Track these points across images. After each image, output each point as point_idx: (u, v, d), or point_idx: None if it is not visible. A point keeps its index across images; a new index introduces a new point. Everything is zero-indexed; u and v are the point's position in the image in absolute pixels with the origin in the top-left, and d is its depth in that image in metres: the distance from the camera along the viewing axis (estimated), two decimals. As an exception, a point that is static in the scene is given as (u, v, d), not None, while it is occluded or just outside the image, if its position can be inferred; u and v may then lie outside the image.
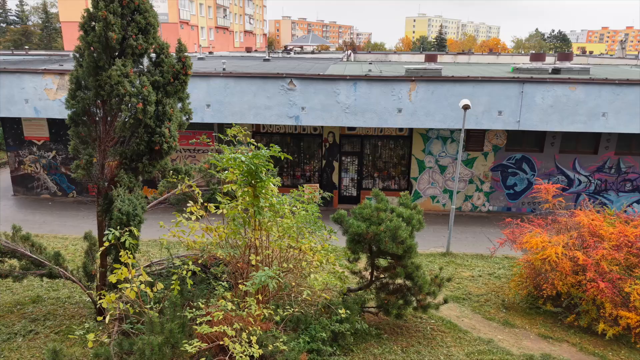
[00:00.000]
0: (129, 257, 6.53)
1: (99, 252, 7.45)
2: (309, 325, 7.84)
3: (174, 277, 6.71)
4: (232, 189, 7.15)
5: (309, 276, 7.02)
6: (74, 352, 7.52)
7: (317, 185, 18.06)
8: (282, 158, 6.64)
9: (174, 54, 7.32)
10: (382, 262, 8.94)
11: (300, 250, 7.20)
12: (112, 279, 6.68)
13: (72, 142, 7.23)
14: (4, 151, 21.98)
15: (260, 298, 6.69)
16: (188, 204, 7.30)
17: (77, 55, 6.98)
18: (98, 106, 6.99)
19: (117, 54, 6.83)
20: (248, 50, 43.16)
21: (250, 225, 7.13)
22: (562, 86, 14.79)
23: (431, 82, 15.05)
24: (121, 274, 6.53)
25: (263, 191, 6.91)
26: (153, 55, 7.30)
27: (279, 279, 6.31)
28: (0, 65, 16.97)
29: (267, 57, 28.83)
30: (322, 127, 17.59)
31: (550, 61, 33.50)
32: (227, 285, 6.61)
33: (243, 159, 6.06)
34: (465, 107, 13.10)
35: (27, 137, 18.28)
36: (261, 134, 18.03)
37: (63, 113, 14.97)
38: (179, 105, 7.42)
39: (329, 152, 17.96)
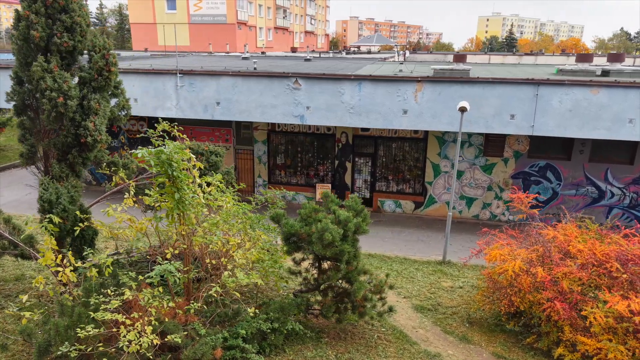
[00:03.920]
0: (51, 243, 6.93)
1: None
2: (239, 322, 7.89)
3: (88, 264, 7.05)
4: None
5: (224, 273, 7.06)
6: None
7: (329, 185, 17.98)
8: (183, 155, 6.72)
9: (101, 52, 7.67)
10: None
11: (212, 243, 7.24)
12: (41, 261, 7.15)
13: (19, 132, 7.85)
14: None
15: (161, 290, 6.84)
16: (124, 196, 7.62)
17: (15, 52, 7.55)
18: (37, 99, 7.52)
19: (47, 51, 7.29)
20: (293, 50, 43.80)
21: (173, 220, 7.30)
22: (582, 89, 13.62)
23: (438, 82, 14.47)
24: (46, 258, 6.98)
25: (184, 186, 7.04)
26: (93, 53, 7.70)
27: (177, 275, 6.40)
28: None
29: (307, 57, 29.06)
30: (335, 127, 17.50)
31: (599, 62, 30.81)
32: (133, 275, 6.82)
33: (140, 154, 6.23)
34: (462, 110, 12.47)
35: (67, 130, 19.78)
36: (276, 132, 18.26)
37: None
38: (114, 100, 7.77)
39: (341, 153, 17.82)
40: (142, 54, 32.44)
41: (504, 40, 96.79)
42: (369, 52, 48.03)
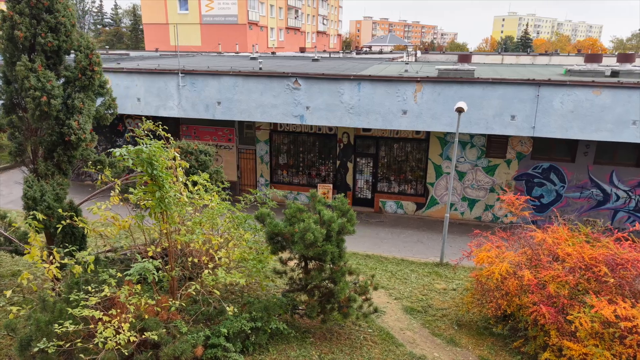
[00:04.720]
0: (36, 239, 7.05)
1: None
2: (221, 321, 7.91)
3: (71, 261, 7.15)
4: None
5: (204, 272, 7.10)
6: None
7: (331, 185, 17.96)
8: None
9: (85, 52, 7.78)
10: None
11: (192, 242, 7.28)
12: (27, 258, 7.28)
13: (8, 130, 8.00)
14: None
15: (139, 288, 6.90)
16: (110, 194, 7.71)
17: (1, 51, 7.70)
18: (24, 98, 7.66)
19: (32, 51, 7.42)
20: (302, 50, 43.81)
21: (157, 218, 7.36)
22: (584, 90, 13.40)
23: (438, 83, 14.36)
24: (32, 255, 7.10)
25: (166, 185, 7.09)
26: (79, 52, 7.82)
27: (157, 273, 6.45)
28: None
29: (315, 58, 29.01)
30: (336, 127, 17.48)
31: (609, 63, 30.25)
32: (113, 273, 6.90)
33: (119, 153, 6.29)
34: (459, 110, 12.36)
35: (74, 128, 20.07)
36: (278, 132, 18.30)
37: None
38: (100, 99, 7.86)
39: (343, 153, 17.79)
40: (152, 54, 32.79)
41: (519, 41, 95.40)
42: (381, 52, 47.87)
